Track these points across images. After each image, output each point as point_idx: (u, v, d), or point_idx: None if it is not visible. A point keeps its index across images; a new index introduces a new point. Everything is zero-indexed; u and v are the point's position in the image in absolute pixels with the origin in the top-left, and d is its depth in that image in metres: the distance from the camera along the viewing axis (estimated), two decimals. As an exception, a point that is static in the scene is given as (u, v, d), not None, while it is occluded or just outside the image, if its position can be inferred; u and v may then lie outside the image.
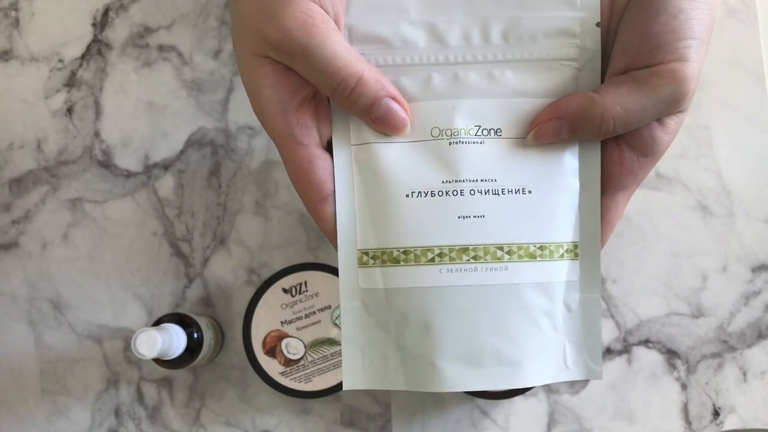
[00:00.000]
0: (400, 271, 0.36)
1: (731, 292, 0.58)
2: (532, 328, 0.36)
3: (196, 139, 0.60)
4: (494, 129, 0.36)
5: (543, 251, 0.36)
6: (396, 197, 0.36)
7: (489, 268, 0.36)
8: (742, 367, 0.57)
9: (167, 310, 0.59)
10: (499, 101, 0.36)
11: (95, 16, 0.62)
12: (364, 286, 0.36)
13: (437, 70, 0.36)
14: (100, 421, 0.59)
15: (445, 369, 0.35)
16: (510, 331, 0.36)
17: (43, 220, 0.60)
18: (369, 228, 0.36)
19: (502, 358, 0.36)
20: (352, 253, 0.36)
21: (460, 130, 0.36)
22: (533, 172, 0.36)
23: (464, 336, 0.35)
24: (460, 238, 0.36)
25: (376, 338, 0.36)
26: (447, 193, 0.36)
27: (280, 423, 0.58)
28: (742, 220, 0.58)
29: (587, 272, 0.37)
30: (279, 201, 0.59)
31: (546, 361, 0.37)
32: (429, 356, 0.35)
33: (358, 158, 0.36)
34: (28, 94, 0.61)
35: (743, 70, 0.59)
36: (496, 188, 0.36)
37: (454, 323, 0.35)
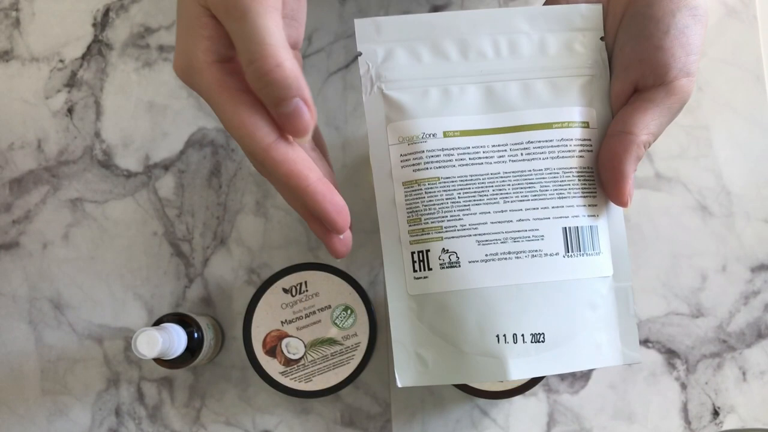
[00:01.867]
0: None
1: (731, 292, 0.58)
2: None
3: (196, 139, 0.60)
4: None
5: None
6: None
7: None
8: (742, 367, 0.57)
9: (167, 309, 0.59)
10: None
11: (96, 16, 0.62)
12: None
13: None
14: (100, 421, 0.59)
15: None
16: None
17: (43, 220, 0.60)
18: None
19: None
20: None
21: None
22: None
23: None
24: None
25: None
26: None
27: (280, 423, 0.58)
28: (741, 220, 0.58)
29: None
30: (279, 201, 0.59)
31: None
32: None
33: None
34: (28, 94, 0.62)
35: (743, 70, 0.59)
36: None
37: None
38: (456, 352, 0.39)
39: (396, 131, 0.38)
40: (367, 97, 0.38)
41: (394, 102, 0.38)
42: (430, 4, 0.61)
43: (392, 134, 0.38)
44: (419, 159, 0.38)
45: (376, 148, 0.38)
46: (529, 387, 0.54)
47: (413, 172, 0.38)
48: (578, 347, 0.39)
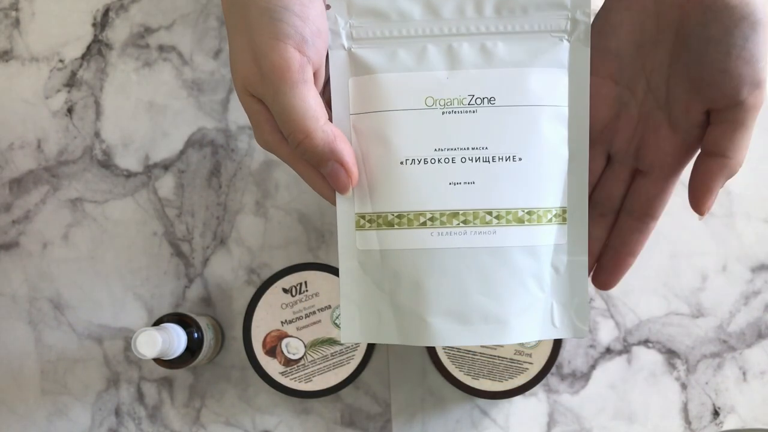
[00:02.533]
0: (395, 234, 0.38)
1: (731, 292, 0.58)
2: (519, 289, 0.38)
3: (196, 139, 0.60)
4: (487, 98, 0.37)
5: (531, 216, 0.38)
6: (391, 164, 0.38)
7: (478, 232, 0.38)
8: (742, 367, 0.57)
9: (167, 309, 0.59)
10: (492, 71, 0.37)
11: (95, 16, 0.62)
12: (361, 248, 0.39)
13: (432, 42, 0.38)
14: (100, 421, 0.59)
15: (434, 324, 0.37)
16: (497, 291, 0.38)
17: (43, 220, 0.60)
18: (365, 193, 0.38)
19: (489, 316, 0.38)
20: (350, 216, 0.38)
21: (453, 99, 0.37)
22: (524, 141, 0.37)
23: (453, 294, 0.38)
24: (450, 203, 0.37)
25: (372, 295, 0.39)
26: (439, 161, 0.37)
27: (280, 423, 0.58)
28: (742, 220, 0.58)
29: (575, 236, 0.39)
30: (279, 201, 0.59)
31: (532, 319, 0.39)
32: (420, 312, 0.38)
33: (356, 126, 0.38)
34: (28, 94, 0.62)
35: (743, 70, 0.59)
36: (486, 156, 0.37)
37: (444, 282, 0.37)
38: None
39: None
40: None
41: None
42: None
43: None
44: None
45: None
46: (529, 387, 0.54)
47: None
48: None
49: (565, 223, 0.39)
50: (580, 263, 0.39)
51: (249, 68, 0.34)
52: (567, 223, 0.39)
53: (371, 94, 0.38)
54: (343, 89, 0.38)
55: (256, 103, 0.36)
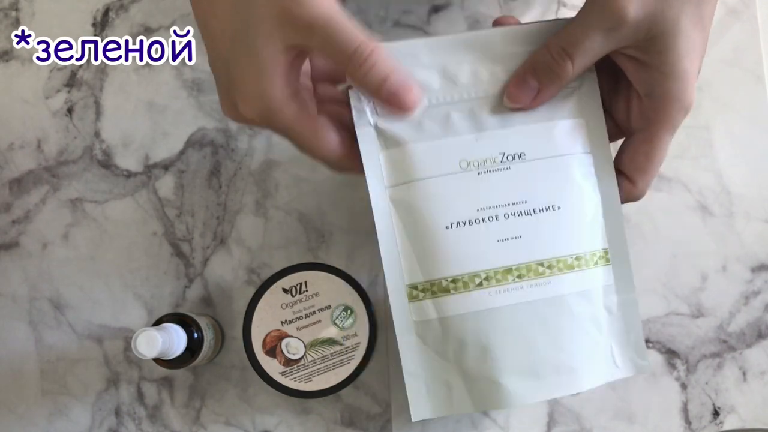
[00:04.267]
0: (451, 300, 0.38)
1: (731, 292, 0.58)
2: (581, 335, 0.38)
3: (196, 139, 0.60)
4: (518, 154, 0.38)
5: (579, 261, 0.38)
6: (436, 230, 0.38)
7: (533, 284, 0.38)
8: (742, 367, 0.57)
9: (167, 309, 0.59)
10: (517, 128, 0.38)
11: (95, 16, 0.62)
12: (417, 319, 0.38)
13: (454, 108, 0.38)
14: (100, 421, 0.59)
15: (508, 386, 0.37)
16: (561, 340, 0.38)
17: (43, 220, 0.60)
18: (414, 263, 0.38)
19: (559, 367, 0.38)
20: (401, 289, 0.38)
21: (486, 160, 0.38)
22: (559, 189, 0.38)
23: (521, 351, 0.37)
24: (502, 260, 0.38)
25: (437, 367, 0.38)
26: (483, 220, 0.38)
27: (280, 423, 0.58)
28: (741, 220, 0.58)
29: (620, 274, 0.40)
30: (279, 201, 0.59)
31: (597, 363, 0.39)
32: (491, 376, 0.37)
33: (394, 198, 0.38)
34: (28, 94, 0.62)
35: (743, 70, 0.59)
36: (528, 209, 0.38)
37: (510, 341, 0.37)
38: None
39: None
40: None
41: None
42: (430, 4, 0.61)
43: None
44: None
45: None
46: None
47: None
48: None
49: (610, 264, 0.40)
50: (630, 300, 0.40)
51: (291, 8, 0.33)
52: (611, 263, 0.40)
53: (404, 165, 0.38)
54: (376, 164, 0.38)
55: (282, 53, 0.34)
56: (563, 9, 0.60)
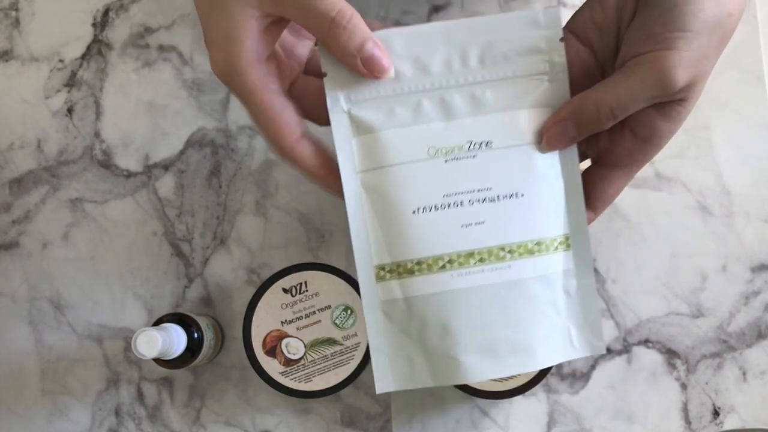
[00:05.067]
0: (416, 281, 0.40)
1: (731, 292, 0.58)
2: (539, 317, 0.40)
3: (196, 139, 0.60)
4: (485, 142, 0.40)
5: (540, 246, 0.40)
6: (403, 214, 0.39)
7: (494, 269, 0.39)
8: (742, 367, 0.57)
9: (167, 309, 0.59)
10: (485, 117, 0.40)
11: (95, 16, 0.62)
12: (383, 298, 0.40)
13: (425, 96, 0.40)
14: (100, 421, 0.59)
15: (467, 362, 0.39)
16: (520, 321, 0.40)
17: (43, 220, 0.60)
18: (382, 245, 0.40)
19: (516, 347, 0.40)
20: (369, 270, 0.40)
21: (453, 147, 0.39)
22: (523, 178, 0.40)
23: (480, 331, 0.39)
24: (465, 244, 0.39)
25: (401, 344, 0.40)
26: (449, 206, 0.39)
27: (280, 423, 0.58)
28: (741, 220, 0.58)
29: (580, 259, 0.41)
30: (279, 201, 0.59)
31: (555, 344, 0.41)
32: (451, 353, 0.39)
33: (365, 183, 0.40)
34: (28, 94, 0.62)
35: (743, 70, 0.59)
36: (492, 196, 0.39)
37: (470, 321, 0.39)
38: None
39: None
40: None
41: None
42: (429, 4, 0.61)
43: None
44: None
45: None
46: (529, 387, 0.54)
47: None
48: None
49: (570, 249, 0.41)
50: (588, 285, 0.41)
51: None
52: (571, 249, 0.41)
53: (376, 151, 0.40)
54: (348, 149, 0.40)
55: (252, 18, 0.35)
56: (563, 9, 0.60)
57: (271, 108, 0.37)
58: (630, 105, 0.36)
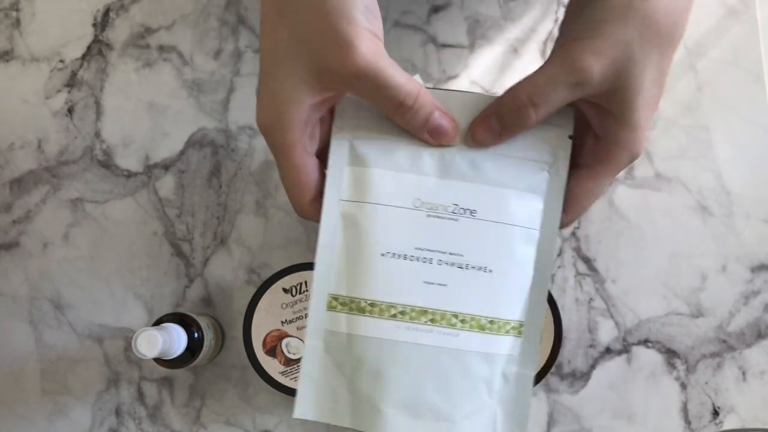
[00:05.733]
0: (364, 321, 0.40)
1: (731, 292, 0.58)
2: (471, 392, 0.40)
3: (196, 139, 0.60)
4: (470, 209, 0.40)
5: (492, 325, 0.40)
6: (372, 254, 0.40)
7: (443, 333, 0.40)
8: (742, 367, 0.57)
9: (168, 309, 0.59)
10: (477, 186, 0.40)
11: (96, 16, 0.62)
12: (329, 328, 0.40)
13: (427, 150, 0.40)
14: (100, 421, 0.59)
15: (388, 415, 0.39)
16: (450, 390, 0.40)
17: (43, 220, 0.60)
18: (343, 276, 0.40)
19: (439, 414, 0.40)
20: (323, 295, 0.40)
21: (438, 205, 0.40)
22: (496, 255, 0.40)
23: (410, 389, 0.39)
24: (422, 300, 0.40)
25: (332, 376, 0.40)
26: (418, 259, 0.40)
27: (281, 423, 0.58)
28: (741, 220, 0.58)
29: (527, 350, 0.41)
30: (279, 201, 0.59)
31: (478, 422, 0.41)
32: (376, 401, 0.39)
33: (345, 212, 0.40)
34: (28, 94, 0.62)
35: (743, 70, 0.59)
36: (461, 262, 0.40)
37: (404, 376, 0.39)
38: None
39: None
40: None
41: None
42: (429, 4, 0.61)
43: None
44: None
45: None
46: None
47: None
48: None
49: (521, 336, 0.41)
50: (526, 376, 0.41)
51: (341, 60, 0.35)
52: (522, 337, 0.41)
53: (364, 186, 0.40)
54: (339, 175, 0.40)
55: (311, 92, 0.36)
56: (563, 9, 0.60)
57: (302, 166, 0.38)
58: (545, 90, 0.37)
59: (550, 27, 0.60)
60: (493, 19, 0.61)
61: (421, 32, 0.61)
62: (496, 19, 0.61)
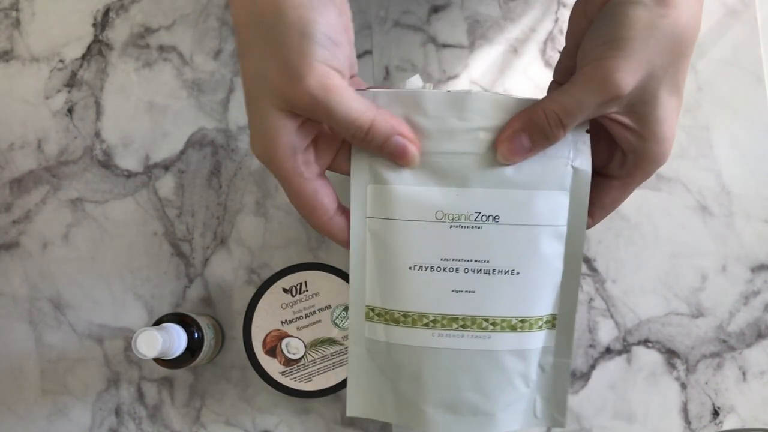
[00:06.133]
0: (399, 330, 0.41)
1: (731, 292, 0.58)
2: (507, 387, 0.42)
3: (196, 139, 0.60)
4: (492, 216, 0.40)
5: (524, 324, 0.41)
6: (400, 267, 0.41)
7: (474, 336, 0.41)
8: (742, 367, 0.57)
9: (168, 309, 0.59)
10: (499, 191, 0.40)
11: (96, 16, 0.62)
12: (369, 336, 0.42)
13: (446, 159, 0.40)
14: (100, 421, 0.59)
15: (429, 413, 0.41)
16: (487, 388, 0.41)
17: (43, 220, 0.60)
18: (375, 288, 0.42)
19: (478, 410, 0.42)
20: (361, 306, 0.42)
21: (461, 215, 0.40)
22: (523, 257, 0.41)
23: (447, 389, 0.41)
24: (451, 308, 0.41)
25: (376, 379, 0.42)
26: (444, 270, 0.41)
27: (281, 423, 0.58)
28: (741, 220, 0.58)
29: (562, 340, 0.42)
30: (279, 201, 0.59)
31: (516, 411, 0.42)
32: (417, 401, 0.42)
33: (371, 228, 0.41)
34: (28, 94, 0.62)
35: (743, 70, 0.59)
36: (488, 269, 0.41)
37: (440, 378, 0.41)
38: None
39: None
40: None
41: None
42: (429, 4, 0.61)
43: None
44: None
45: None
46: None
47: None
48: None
49: (554, 329, 0.42)
50: (564, 365, 0.42)
51: (291, 92, 0.36)
52: (556, 329, 0.42)
53: (387, 203, 0.41)
54: (362, 194, 0.41)
55: (287, 118, 0.37)
56: (563, 9, 0.60)
57: (305, 194, 0.39)
58: (575, 111, 0.37)
59: (550, 27, 0.60)
60: (493, 19, 0.61)
61: (421, 32, 0.61)
62: (496, 19, 0.61)
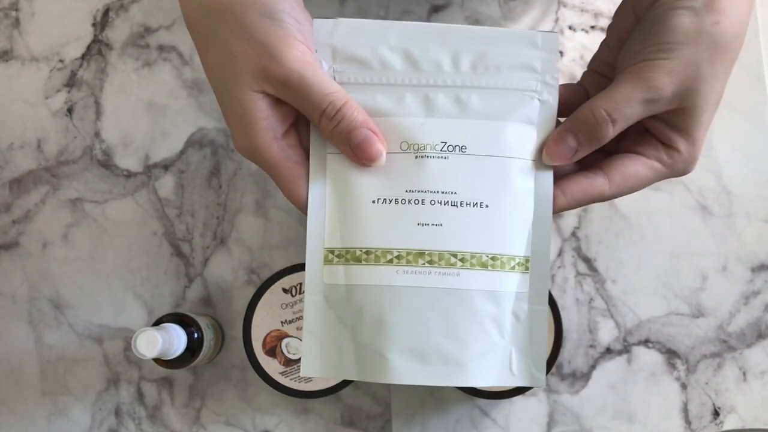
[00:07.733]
0: (361, 270, 0.39)
1: (731, 292, 0.58)
2: (479, 332, 0.39)
3: (196, 139, 0.60)
4: (459, 146, 0.39)
5: (495, 262, 0.39)
6: (363, 202, 0.39)
7: (442, 273, 0.39)
8: (742, 367, 0.57)
9: (167, 309, 0.59)
10: (465, 122, 0.40)
11: (95, 16, 0.62)
12: (327, 282, 0.40)
13: (410, 91, 0.40)
14: (100, 421, 0.59)
15: (393, 362, 0.38)
16: (457, 332, 0.39)
17: (43, 220, 0.60)
18: (336, 229, 0.40)
19: (447, 357, 0.39)
20: (319, 251, 0.40)
21: (426, 145, 0.39)
22: (492, 189, 0.39)
23: (414, 333, 0.38)
24: (417, 243, 0.39)
25: (334, 330, 0.40)
26: (409, 202, 0.39)
27: (281, 423, 0.58)
28: (741, 220, 0.58)
29: (536, 285, 0.40)
30: (279, 201, 0.59)
31: (490, 364, 0.39)
32: (380, 349, 0.38)
33: (331, 164, 0.40)
34: (28, 94, 0.62)
35: (743, 70, 0.59)
36: (455, 200, 0.39)
37: (406, 320, 0.39)
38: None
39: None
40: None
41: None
42: (429, 4, 0.61)
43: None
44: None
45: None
46: (529, 387, 0.54)
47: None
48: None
49: (528, 272, 0.40)
50: (539, 312, 0.40)
51: (270, 66, 0.36)
52: (529, 273, 0.40)
53: None
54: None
55: (260, 99, 0.37)
56: (563, 9, 0.60)
57: (291, 180, 0.39)
58: (623, 105, 0.38)
59: (550, 27, 0.60)
60: (493, 19, 0.61)
61: (421, 32, 0.61)
62: (496, 19, 0.61)
